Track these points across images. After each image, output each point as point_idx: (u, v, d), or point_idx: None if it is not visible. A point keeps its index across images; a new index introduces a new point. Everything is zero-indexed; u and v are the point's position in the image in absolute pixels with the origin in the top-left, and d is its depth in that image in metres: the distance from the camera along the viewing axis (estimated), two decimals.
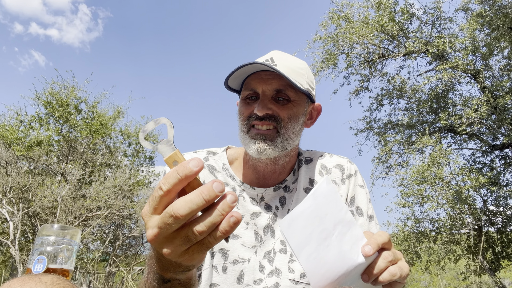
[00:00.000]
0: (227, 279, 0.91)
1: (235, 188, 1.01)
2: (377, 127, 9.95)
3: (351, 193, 1.02)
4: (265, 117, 0.93)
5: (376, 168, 9.54)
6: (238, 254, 0.93)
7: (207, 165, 1.03)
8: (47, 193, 7.24)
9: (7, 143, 9.03)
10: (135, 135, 11.14)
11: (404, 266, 0.67)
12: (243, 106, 0.98)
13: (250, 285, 0.91)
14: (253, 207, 0.99)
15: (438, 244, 8.35)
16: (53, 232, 0.83)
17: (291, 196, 1.02)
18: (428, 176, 7.41)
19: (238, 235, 0.95)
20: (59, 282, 0.67)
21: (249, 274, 0.92)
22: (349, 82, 9.84)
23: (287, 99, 0.95)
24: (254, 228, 0.96)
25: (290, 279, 0.91)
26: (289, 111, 0.94)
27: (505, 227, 8.40)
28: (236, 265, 0.92)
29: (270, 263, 0.93)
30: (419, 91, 9.03)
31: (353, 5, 9.07)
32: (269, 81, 0.93)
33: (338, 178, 1.03)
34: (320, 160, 1.07)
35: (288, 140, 0.95)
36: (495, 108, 7.72)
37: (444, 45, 7.86)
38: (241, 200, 0.99)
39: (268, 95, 0.94)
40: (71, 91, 9.77)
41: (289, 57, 0.99)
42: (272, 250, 0.95)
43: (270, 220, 0.97)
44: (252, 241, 0.95)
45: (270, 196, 1.01)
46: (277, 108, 0.94)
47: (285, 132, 0.94)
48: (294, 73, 0.93)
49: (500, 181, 8.30)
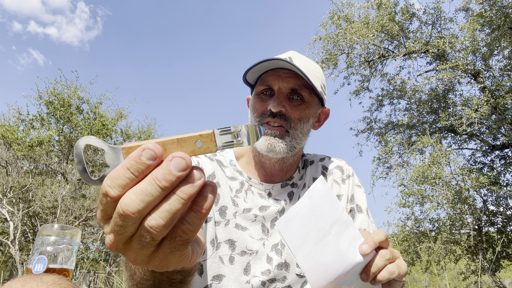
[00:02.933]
0: (234, 269, 0.91)
1: (243, 182, 1.01)
2: (377, 128, 9.95)
3: (351, 191, 1.06)
4: (277, 114, 0.94)
5: (376, 168, 9.55)
6: (246, 245, 0.93)
7: (216, 160, 1.04)
8: (47, 193, 7.24)
9: (7, 143, 9.04)
10: (135, 136, 11.16)
11: (402, 264, 0.67)
12: (257, 102, 0.99)
13: (257, 276, 0.91)
14: (262, 200, 0.99)
15: (438, 244, 8.35)
16: (53, 232, 0.83)
17: (298, 192, 1.04)
18: (428, 176, 7.41)
19: (246, 227, 0.95)
20: (60, 282, 0.67)
21: (256, 266, 0.92)
22: (350, 82, 9.84)
23: (301, 99, 0.97)
24: (262, 221, 0.97)
25: (296, 274, 0.93)
26: (301, 112, 0.96)
27: (505, 227, 8.40)
28: (243, 256, 0.92)
29: (278, 255, 0.94)
30: (420, 91, 9.03)
31: (353, 5, 9.07)
32: (286, 79, 0.95)
33: (339, 178, 1.07)
34: (321, 162, 1.10)
35: (296, 140, 0.97)
36: (495, 108, 7.72)
37: (444, 45, 7.86)
38: (250, 194, 1.00)
39: (283, 93, 0.96)
40: (74, 91, 9.78)
41: (306, 59, 1.01)
42: (279, 243, 0.96)
43: (278, 214, 0.98)
44: (259, 233, 0.95)
45: (277, 192, 1.02)
46: (290, 107, 0.95)
47: (294, 132, 0.96)
48: (310, 74, 0.94)
49: (500, 181, 8.30)
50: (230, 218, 0.95)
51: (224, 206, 0.96)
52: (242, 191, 1.00)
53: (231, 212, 0.95)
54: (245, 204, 0.97)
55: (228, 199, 0.97)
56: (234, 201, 0.97)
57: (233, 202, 0.97)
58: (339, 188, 1.05)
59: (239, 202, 0.97)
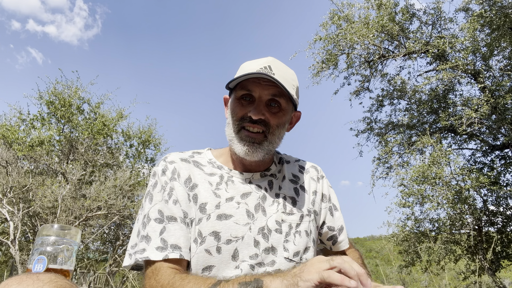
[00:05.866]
0: (222, 259, 0.94)
1: (223, 175, 1.06)
2: (377, 128, 9.96)
3: (326, 192, 1.17)
4: (257, 121, 1.00)
5: (376, 168, 9.55)
6: (230, 233, 0.96)
7: (192, 161, 1.10)
8: (48, 193, 7.24)
9: (8, 142, 9.04)
10: (136, 136, 11.16)
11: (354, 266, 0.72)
12: (237, 106, 1.04)
13: (245, 260, 0.95)
14: (243, 188, 1.05)
15: (438, 244, 8.35)
16: (53, 232, 0.83)
17: (278, 183, 1.10)
18: (428, 176, 7.41)
19: (231, 215, 0.98)
20: (56, 280, 0.67)
21: (243, 251, 0.95)
22: (350, 83, 9.84)
23: (279, 107, 1.03)
24: (246, 207, 1.01)
25: (285, 257, 0.97)
26: (279, 119, 1.03)
27: (505, 227, 8.40)
28: (230, 244, 0.95)
29: (265, 240, 0.98)
30: (420, 91, 9.03)
31: (353, 5, 9.07)
32: (267, 87, 1.00)
33: (315, 176, 1.18)
34: (297, 163, 1.21)
35: (273, 144, 1.04)
36: (495, 108, 7.71)
37: (444, 45, 7.85)
38: (230, 184, 1.05)
39: (263, 101, 1.01)
40: (75, 91, 9.78)
41: (284, 66, 1.06)
42: (265, 227, 0.99)
43: (260, 199, 1.03)
44: (245, 218, 0.99)
45: (257, 180, 1.08)
46: (269, 114, 1.02)
47: (271, 137, 1.03)
48: (287, 83, 1.00)
49: (500, 181, 8.30)
50: (211, 211, 0.98)
51: (204, 203, 0.99)
52: (223, 183, 1.05)
53: (213, 204, 0.99)
54: (227, 194, 1.02)
55: (207, 194, 1.01)
56: (215, 193, 1.02)
57: (215, 194, 1.01)
58: (315, 185, 1.15)
59: (221, 193, 1.02)
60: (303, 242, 1.01)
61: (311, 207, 1.09)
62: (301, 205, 1.07)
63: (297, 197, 1.08)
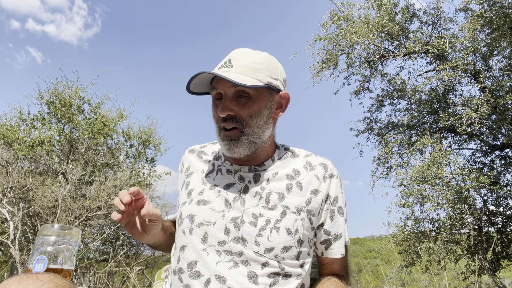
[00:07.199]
0: (193, 239, 0.98)
1: (215, 164, 1.12)
2: (377, 128, 9.96)
3: (333, 193, 1.06)
4: (227, 118, 0.99)
5: (376, 168, 9.55)
6: (204, 218, 0.99)
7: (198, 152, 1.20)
8: (48, 193, 7.25)
9: (8, 142, 9.04)
10: (136, 136, 11.16)
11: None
12: (213, 109, 1.05)
13: (213, 245, 0.95)
14: (228, 179, 1.07)
15: (438, 244, 8.34)
16: (53, 232, 0.83)
17: (266, 176, 1.05)
18: (428, 176, 7.41)
19: (209, 201, 1.02)
20: (56, 280, 0.68)
21: (212, 236, 0.96)
22: (350, 83, 9.84)
23: (247, 97, 0.99)
24: (225, 196, 1.02)
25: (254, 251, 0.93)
26: (250, 109, 0.99)
27: (505, 227, 8.40)
28: (201, 227, 0.98)
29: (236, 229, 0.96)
30: (420, 91, 9.03)
31: (353, 5, 9.07)
32: (228, 82, 0.98)
33: (321, 174, 1.07)
34: (306, 158, 1.11)
35: (254, 135, 1.01)
36: (495, 108, 7.71)
37: (444, 45, 7.85)
38: (219, 173, 1.09)
39: (229, 96, 1.00)
40: (75, 91, 9.78)
41: (248, 53, 1.02)
42: (240, 217, 0.98)
43: (241, 191, 1.04)
44: (221, 206, 1.01)
45: (245, 173, 1.07)
46: (238, 108, 0.99)
47: (248, 130, 1.00)
48: (250, 70, 0.97)
49: (500, 181, 8.30)
50: (194, 197, 1.05)
51: (191, 189, 1.08)
52: (214, 172, 1.10)
53: (197, 191, 1.06)
54: (213, 182, 1.07)
55: (197, 181, 1.09)
56: (203, 180, 1.08)
57: (202, 182, 1.08)
58: (318, 184, 1.04)
59: (208, 180, 1.08)
60: (280, 240, 0.94)
61: (304, 205, 1.00)
62: (289, 202, 0.99)
63: (286, 194, 1.01)
